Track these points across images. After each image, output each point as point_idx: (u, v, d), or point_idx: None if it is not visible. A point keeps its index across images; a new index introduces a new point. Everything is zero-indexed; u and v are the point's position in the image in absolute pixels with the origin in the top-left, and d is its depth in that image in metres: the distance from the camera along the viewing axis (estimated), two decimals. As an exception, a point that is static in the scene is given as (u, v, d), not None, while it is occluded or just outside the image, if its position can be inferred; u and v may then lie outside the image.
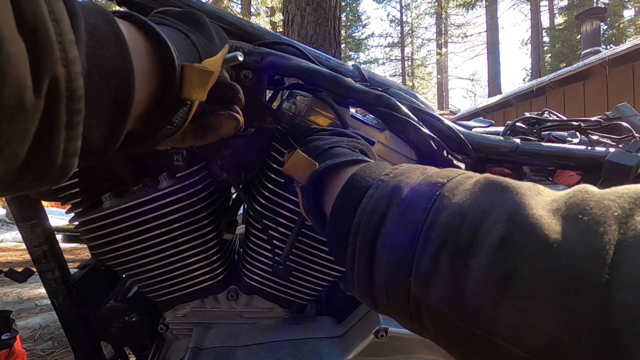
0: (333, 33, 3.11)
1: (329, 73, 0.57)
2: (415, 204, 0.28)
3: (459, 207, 0.26)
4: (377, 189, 0.31)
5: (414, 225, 0.27)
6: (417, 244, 0.26)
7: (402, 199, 0.29)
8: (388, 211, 0.29)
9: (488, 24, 18.05)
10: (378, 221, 0.30)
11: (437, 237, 0.25)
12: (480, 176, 0.28)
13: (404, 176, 0.31)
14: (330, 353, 0.60)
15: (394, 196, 0.30)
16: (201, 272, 0.63)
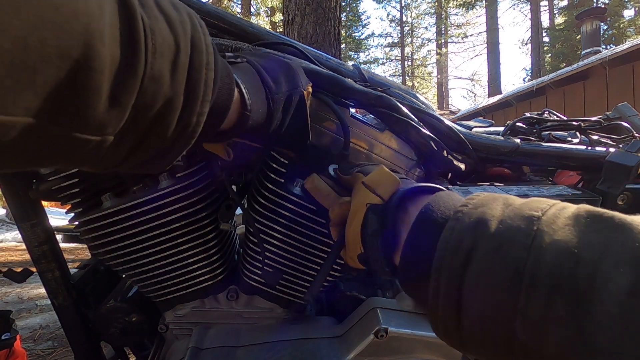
0: (333, 33, 3.10)
1: (329, 74, 0.57)
2: (511, 240, 0.26)
3: (567, 246, 0.24)
4: (457, 221, 0.29)
5: (513, 264, 0.25)
6: (521, 285, 0.24)
7: (492, 233, 0.27)
8: (476, 247, 0.27)
9: (488, 24, 18.05)
10: (465, 257, 0.28)
11: (548, 280, 0.23)
12: (577, 208, 0.27)
13: (486, 207, 0.29)
14: (330, 353, 0.60)
15: (480, 230, 0.28)
16: (201, 272, 0.63)
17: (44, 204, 0.66)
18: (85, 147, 0.24)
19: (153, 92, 0.25)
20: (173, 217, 0.57)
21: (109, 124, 0.24)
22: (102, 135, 0.24)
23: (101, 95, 0.22)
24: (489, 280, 0.26)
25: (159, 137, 0.28)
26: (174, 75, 0.27)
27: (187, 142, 0.31)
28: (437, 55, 22.46)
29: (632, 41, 6.15)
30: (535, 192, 0.63)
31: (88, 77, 0.21)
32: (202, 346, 0.63)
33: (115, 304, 0.68)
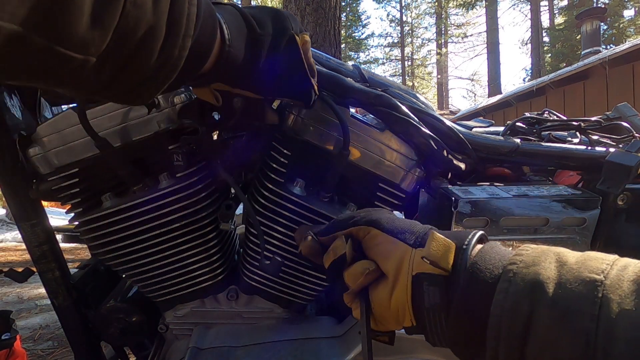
0: (333, 33, 3.10)
1: (329, 73, 0.57)
2: (576, 309, 0.25)
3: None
4: (510, 284, 0.28)
5: (583, 335, 0.24)
6: (594, 358, 0.23)
7: (552, 299, 0.26)
8: (535, 312, 0.26)
9: (488, 24, 18.05)
10: (525, 323, 0.26)
11: (625, 355, 0.23)
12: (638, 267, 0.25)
13: (539, 267, 0.28)
14: (330, 353, 0.60)
15: (538, 294, 0.26)
16: (201, 272, 0.63)
17: (44, 204, 0.66)
18: (68, 64, 0.25)
19: (135, 18, 0.26)
20: (173, 217, 0.57)
21: (91, 43, 0.25)
22: (84, 55, 0.25)
23: (83, 13, 0.23)
24: (557, 351, 0.25)
25: (142, 64, 0.29)
26: (156, 4, 0.28)
27: (169, 74, 0.32)
28: (437, 55, 22.47)
29: (632, 41, 6.15)
30: (536, 192, 0.63)
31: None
32: (202, 346, 0.63)
33: (115, 304, 0.68)
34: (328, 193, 0.59)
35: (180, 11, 0.30)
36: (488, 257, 0.31)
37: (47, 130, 0.55)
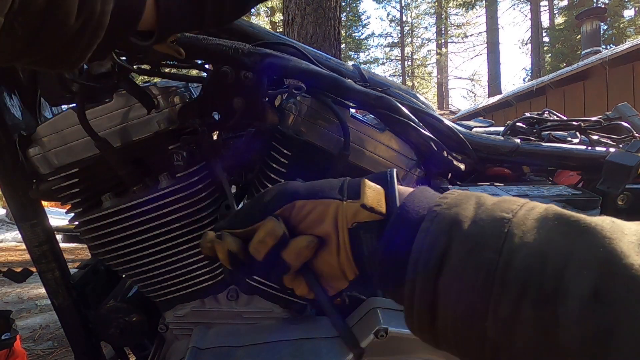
0: (333, 33, 3.10)
1: (329, 74, 0.57)
2: (483, 243, 0.27)
3: (536, 249, 0.25)
4: (432, 222, 0.30)
5: (485, 266, 0.26)
6: (492, 287, 0.25)
7: (465, 235, 0.28)
8: (450, 248, 0.28)
9: (488, 24, 18.06)
10: (439, 258, 0.28)
11: (517, 282, 0.24)
12: (545, 209, 0.27)
13: (460, 207, 0.30)
14: (330, 353, 0.60)
15: (454, 231, 0.28)
16: (201, 272, 0.63)
17: (44, 204, 0.66)
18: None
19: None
20: (173, 217, 0.57)
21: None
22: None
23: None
24: (463, 282, 0.27)
25: (59, 24, 0.26)
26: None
27: (95, 34, 0.29)
28: (437, 55, 22.47)
29: (632, 41, 6.16)
30: (536, 192, 0.63)
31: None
32: (202, 346, 0.63)
33: (115, 304, 0.68)
34: (328, 193, 0.58)
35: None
36: (416, 200, 0.33)
37: (47, 130, 0.55)
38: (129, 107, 0.55)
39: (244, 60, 0.53)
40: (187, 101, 0.57)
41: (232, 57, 0.53)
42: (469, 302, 0.26)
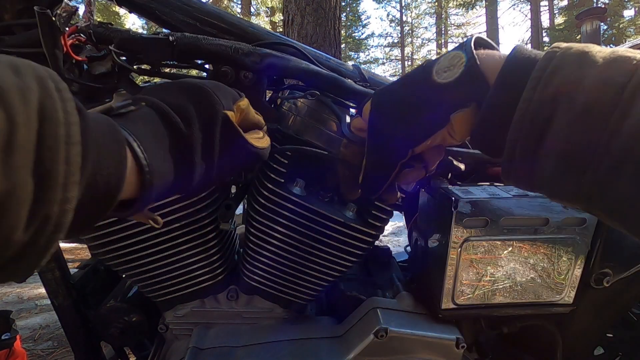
0: (333, 33, 3.10)
1: (329, 74, 0.57)
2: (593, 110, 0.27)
3: None
4: (534, 91, 0.30)
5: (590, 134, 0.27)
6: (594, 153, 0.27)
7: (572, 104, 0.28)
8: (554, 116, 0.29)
9: (488, 24, 18.05)
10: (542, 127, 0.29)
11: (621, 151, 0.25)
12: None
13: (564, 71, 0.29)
14: (330, 353, 0.60)
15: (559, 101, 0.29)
16: (201, 272, 0.63)
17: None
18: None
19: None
20: (173, 217, 0.57)
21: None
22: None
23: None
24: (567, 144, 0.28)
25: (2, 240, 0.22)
26: (8, 160, 0.21)
27: (53, 237, 0.24)
28: (437, 55, 22.45)
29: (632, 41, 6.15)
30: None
31: None
32: (202, 346, 0.63)
33: (115, 304, 0.68)
34: (328, 193, 0.59)
35: (52, 157, 0.23)
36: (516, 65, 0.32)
37: (47, 130, 0.55)
38: (129, 107, 0.55)
39: (244, 60, 0.53)
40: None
41: (232, 57, 0.53)
42: (570, 166, 0.28)
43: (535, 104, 0.29)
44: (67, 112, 0.24)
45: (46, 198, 0.23)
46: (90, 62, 0.51)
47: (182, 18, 0.59)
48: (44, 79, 0.24)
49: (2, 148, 0.20)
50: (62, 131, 0.23)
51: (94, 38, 0.49)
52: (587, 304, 0.66)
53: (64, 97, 0.25)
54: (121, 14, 8.96)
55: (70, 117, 0.24)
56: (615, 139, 0.26)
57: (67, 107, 0.24)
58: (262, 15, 12.33)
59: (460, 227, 0.56)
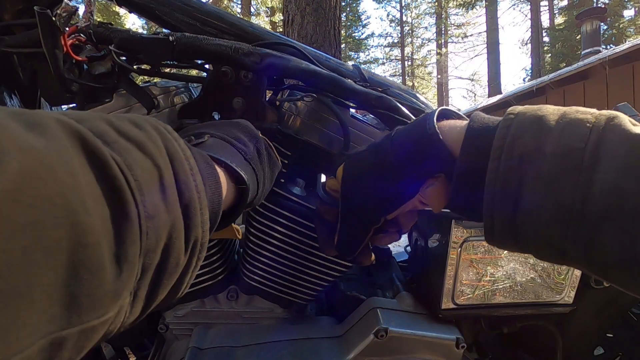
0: (333, 33, 3.10)
1: (329, 74, 0.57)
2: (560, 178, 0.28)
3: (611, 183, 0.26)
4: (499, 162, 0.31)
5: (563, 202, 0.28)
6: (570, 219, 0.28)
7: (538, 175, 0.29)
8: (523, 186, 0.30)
9: (488, 24, 18.06)
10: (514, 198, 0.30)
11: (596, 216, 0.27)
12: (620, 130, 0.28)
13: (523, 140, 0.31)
14: (330, 353, 0.60)
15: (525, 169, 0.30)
16: (201, 272, 0.63)
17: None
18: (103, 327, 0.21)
19: (155, 230, 0.23)
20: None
21: (123, 288, 0.22)
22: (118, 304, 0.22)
23: (106, 268, 0.20)
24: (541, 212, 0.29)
25: (173, 269, 0.26)
26: (166, 199, 0.25)
27: (200, 257, 0.29)
28: (437, 55, 22.46)
29: (632, 41, 6.16)
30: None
31: (86, 257, 0.19)
32: (202, 346, 0.63)
33: (115, 304, 0.67)
34: (328, 193, 0.59)
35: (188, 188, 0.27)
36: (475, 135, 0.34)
37: (47, 130, 0.55)
38: (129, 107, 0.55)
39: (244, 60, 0.53)
40: (187, 101, 0.57)
41: (232, 57, 0.53)
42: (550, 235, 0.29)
43: (503, 171, 0.30)
44: (182, 149, 0.28)
45: (193, 224, 0.27)
46: (90, 62, 0.51)
47: (182, 18, 0.59)
48: (158, 126, 0.28)
49: (159, 189, 0.24)
50: (186, 166, 0.27)
51: (94, 38, 0.49)
52: (587, 304, 0.66)
53: (175, 137, 0.29)
54: (121, 14, 8.96)
55: (186, 152, 0.28)
56: (586, 206, 0.27)
57: (181, 145, 0.28)
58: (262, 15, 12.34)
59: (460, 227, 0.56)
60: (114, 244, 0.21)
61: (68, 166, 0.19)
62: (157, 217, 0.24)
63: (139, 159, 0.24)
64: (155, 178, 0.24)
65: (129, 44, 0.50)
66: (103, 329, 0.21)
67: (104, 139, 0.23)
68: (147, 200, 0.23)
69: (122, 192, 0.21)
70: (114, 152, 0.22)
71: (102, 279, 0.20)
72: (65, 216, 0.18)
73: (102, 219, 0.20)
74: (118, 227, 0.21)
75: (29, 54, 0.51)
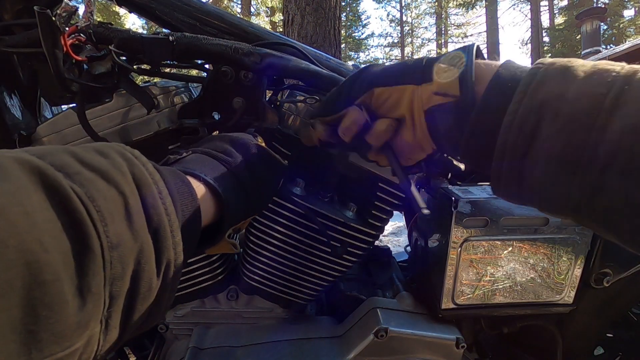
0: (333, 33, 3.10)
1: (329, 74, 0.57)
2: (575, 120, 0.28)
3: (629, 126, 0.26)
4: (520, 104, 0.30)
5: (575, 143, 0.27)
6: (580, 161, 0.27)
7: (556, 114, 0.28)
8: (539, 128, 0.29)
9: (488, 24, 18.06)
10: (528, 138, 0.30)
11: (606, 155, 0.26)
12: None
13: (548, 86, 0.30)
14: (330, 353, 0.60)
15: (544, 111, 0.29)
16: (201, 272, 0.63)
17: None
18: (72, 358, 0.21)
19: (120, 258, 0.23)
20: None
21: (89, 319, 0.21)
22: (85, 335, 0.22)
23: (67, 302, 0.20)
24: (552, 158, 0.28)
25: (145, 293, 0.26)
26: (132, 226, 0.25)
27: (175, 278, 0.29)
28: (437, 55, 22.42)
29: (632, 41, 6.15)
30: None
31: (43, 294, 0.19)
32: (202, 346, 0.63)
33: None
34: (328, 193, 0.59)
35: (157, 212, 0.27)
36: (502, 79, 0.33)
37: (47, 130, 0.55)
38: (129, 107, 0.55)
39: (244, 60, 0.53)
40: (187, 101, 0.57)
41: (232, 56, 0.53)
42: (557, 172, 0.28)
43: (522, 114, 0.30)
44: (150, 172, 0.28)
45: (163, 247, 0.27)
46: (90, 62, 0.51)
47: (182, 18, 0.59)
48: (124, 152, 0.28)
49: (124, 217, 0.24)
50: (154, 190, 0.27)
51: (93, 38, 0.49)
52: (587, 304, 0.66)
53: (142, 161, 0.29)
54: (121, 14, 8.96)
55: (154, 176, 0.28)
56: (601, 144, 0.26)
57: (149, 169, 0.28)
58: (262, 15, 12.34)
59: (460, 227, 0.56)
60: (76, 277, 0.21)
61: (23, 206, 0.19)
62: (122, 245, 0.23)
63: (103, 189, 0.24)
64: (120, 206, 0.24)
65: (129, 43, 0.50)
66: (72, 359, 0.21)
67: (66, 171, 0.23)
68: (110, 230, 0.23)
69: (84, 225, 0.21)
70: (75, 185, 0.22)
71: (63, 312, 0.20)
72: (19, 257, 0.18)
73: (62, 254, 0.20)
74: (80, 260, 0.21)
75: (29, 54, 0.51)
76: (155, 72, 0.55)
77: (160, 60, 0.52)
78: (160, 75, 0.57)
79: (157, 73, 0.56)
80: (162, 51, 0.51)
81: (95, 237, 0.22)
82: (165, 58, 0.52)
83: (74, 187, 0.22)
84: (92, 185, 0.23)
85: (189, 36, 0.52)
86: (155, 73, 0.56)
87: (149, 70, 0.55)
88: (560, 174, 0.28)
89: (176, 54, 0.52)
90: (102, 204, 0.23)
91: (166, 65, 0.56)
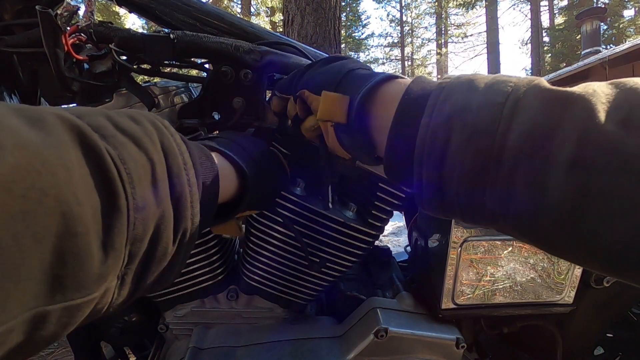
0: (333, 33, 3.10)
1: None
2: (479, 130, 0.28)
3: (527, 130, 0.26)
4: (431, 117, 0.31)
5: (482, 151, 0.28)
6: (488, 168, 0.28)
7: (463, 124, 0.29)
8: (450, 139, 0.30)
9: (488, 24, 18.06)
10: (441, 150, 0.30)
11: (510, 160, 0.27)
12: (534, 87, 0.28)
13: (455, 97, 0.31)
14: (330, 353, 0.60)
15: (453, 122, 0.30)
16: (201, 272, 0.63)
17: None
18: (88, 306, 0.23)
19: (143, 220, 0.25)
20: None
21: (109, 272, 0.23)
22: (103, 287, 0.23)
23: (93, 254, 0.21)
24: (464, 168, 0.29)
25: (160, 257, 0.28)
26: (156, 192, 0.26)
27: (189, 247, 0.31)
28: (437, 55, 22.47)
29: (632, 41, 6.15)
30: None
31: (74, 244, 0.20)
32: (202, 346, 0.63)
33: (115, 304, 0.67)
34: (328, 193, 0.58)
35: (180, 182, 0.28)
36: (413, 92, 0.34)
37: (47, 130, 0.55)
38: (129, 106, 0.55)
39: (244, 57, 0.53)
40: (187, 101, 0.57)
41: (233, 54, 0.53)
42: (471, 182, 0.29)
43: (433, 127, 0.31)
44: (178, 143, 0.30)
45: (182, 216, 0.28)
46: (91, 61, 0.51)
47: (182, 18, 0.59)
48: (155, 122, 0.29)
49: (150, 183, 0.26)
50: (180, 160, 0.29)
51: (94, 37, 0.49)
52: (587, 304, 0.67)
53: (172, 132, 0.30)
54: (121, 14, 8.96)
55: (181, 147, 0.30)
56: (503, 152, 0.27)
57: (177, 140, 0.30)
58: (262, 15, 12.34)
59: (460, 227, 0.56)
60: (102, 233, 0.22)
61: (63, 160, 0.20)
62: (146, 209, 0.25)
63: (134, 153, 0.25)
64: (148, 171, 0.26)
65: (129, 42, 0.50)
66: (88, 307, 0.23)
67: (102, 133, 0.24)
68: (138, 192, 0.24)
69: (114, 185, 0.23)
70: (109, 146, 0.24)
71: (88, 263, 0.21)
72: (56, 206, 0.19)
73: (92, 209, 0.21)
74: (107, 217, 0.22)
75: (29, 53, 0.51)
76: (156, 71, 0.55)
77: (161, 58, 0.52)
78: (160, 75, 0.57)
79: (157, 73, 0.56)
80: (162, 49, 0.51)
81: (123, 197, 0.23)
82: (166, 56, 0.52)
83: (108, 149, 0.23)
84: (124, 149, 0.24)
85: (190, 34, 0.52)
86: (156, 73, 0.56)
87: (149, 70, 0.55)
88: (472, 190, 0.29)
89: (177, 52, 0.51)
90: (132, 167, 0.24)
91: (166, 65, 0.56)
